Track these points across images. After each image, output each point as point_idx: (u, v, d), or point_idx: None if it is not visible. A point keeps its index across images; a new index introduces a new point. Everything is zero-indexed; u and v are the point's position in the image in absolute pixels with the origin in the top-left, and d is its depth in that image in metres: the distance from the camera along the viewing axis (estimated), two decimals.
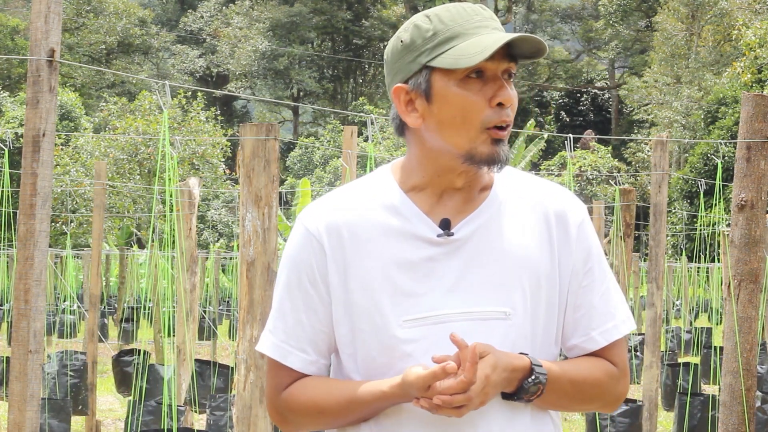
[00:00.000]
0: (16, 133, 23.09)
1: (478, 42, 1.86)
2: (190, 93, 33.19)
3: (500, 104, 1.88)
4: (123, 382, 9.27)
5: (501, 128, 1.90)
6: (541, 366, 1.89)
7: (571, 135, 6.12)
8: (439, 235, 1.93)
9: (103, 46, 49.61)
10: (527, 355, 1.90)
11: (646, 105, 42.49)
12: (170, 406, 5.79)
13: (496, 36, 1.86)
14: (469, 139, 1.89)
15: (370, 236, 1.95)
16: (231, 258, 24.30)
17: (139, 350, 8.93)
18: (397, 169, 2.02)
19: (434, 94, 1.91)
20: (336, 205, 2.00)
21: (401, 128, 2.00)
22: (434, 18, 1.91)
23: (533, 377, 1.88)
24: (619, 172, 37.00)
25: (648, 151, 38.49)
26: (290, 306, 1.99)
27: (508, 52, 1.89)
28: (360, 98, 49.59)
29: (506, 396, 1.91)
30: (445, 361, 1.82)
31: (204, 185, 27.71)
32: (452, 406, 1.80)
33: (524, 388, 1.88)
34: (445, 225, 1.94)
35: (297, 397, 1.97)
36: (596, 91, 56.22)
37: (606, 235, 12.60)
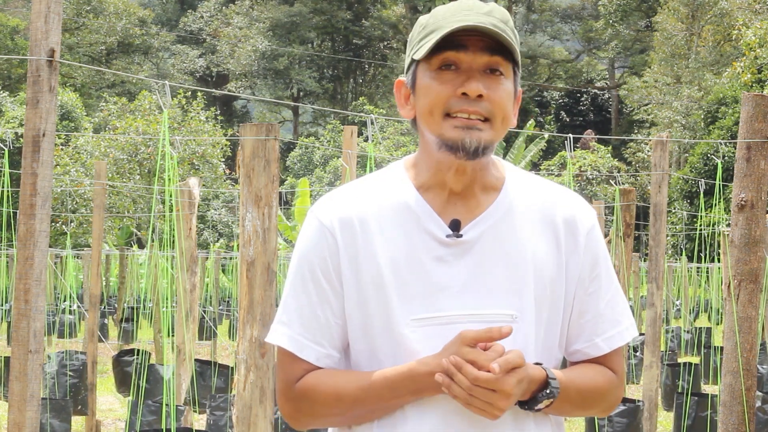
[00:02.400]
0: (16, 133, 23.09)
1: (445, 32, 1.88)
2: (190, 93, 33.19)
3: (464, 94, 1.89)
4: (123, 382, 9.27)
5: (470, 117, 1.89)
6: (555, 379, 1.90)
7: (571, 135, 6.12)
8: (448, 236, 1.93)
9: (103, 46, 49.60)
10: (541, 365, 1.91)
11: (646, 105, 42.48)
12: (170, 405, 5.80)
13: (462, 25, 1.87)
14: (437, 125, 1.91)
15: (382, 232, 1.95)
16: (231, 258, 24.30)
17: (139, 350, 8.93)
18: (410, 165, 2.03)
19: (416, 85, 1.95)
20: (349, 199, 2.00)
21: (415, 122, 2.02)
22: (431, 14, 1.95)
23: (548, 390, 1.89)
24: (619, 172, 37.01)
25: (648, 151, 38.50)
26: (306, 299, 1.98)
27: (490, 45, 1.90)
28: (360, 98, 49.58)
29: (519, 404, 1.91)
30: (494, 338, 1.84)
31: (204, 185, 27.71)
32: (472, 394, 1.80)
33: (537, 399, 1.89)
34: (455, 226, 1.94)
35: (315, 385, 1.95)
36: (596, 91, 56.23)
37: (606, 235, 12.60)
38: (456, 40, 1.88)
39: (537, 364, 1.90)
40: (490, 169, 2.00)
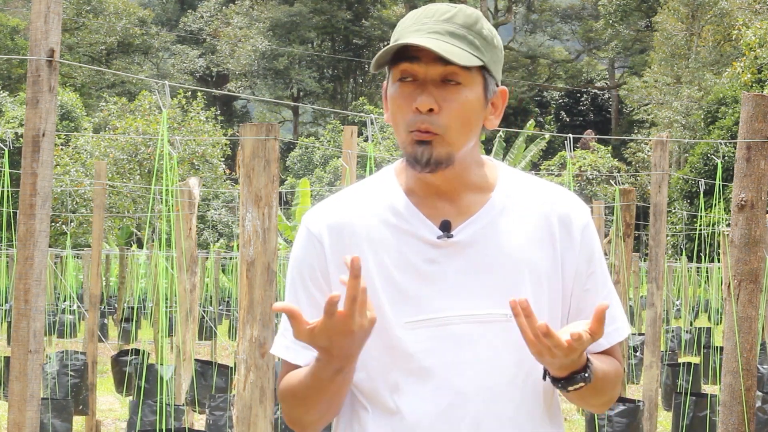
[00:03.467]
0: (16, 133, 23.09)
1: (393, 46, 1.88)
2: (189, 93, 33.20)
3: (417, 109, 1.88)
4: (122, 382, 9.27)
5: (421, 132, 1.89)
6: (593, 364, 1.89)
7: (571, 135, 6.12)
8: (438, 237, 1.94)
9: (103, 46, 49.62)
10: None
11: (646, 105, 42.51)
12: (168, 405, 5.80)
13: (411, 41, 1.85)
14: (401, 139, 1.93)
15: (372, 237, 1.96)
16: (231, 258, 24.30)
17: (138, 350, 8.93)
18: (400, 169, 2.04)
19: (387, 94, 1.97)
20: (338, 206, 2.01)
21: None
22: (401, 20, 1.96)
23: (586, 374, 1.87)
24: (619, 172, 37.02)
25: (648, 151, 38.50)
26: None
27: (441, 56, 1.86)
28: (360, 98, 49.58)
29: (552, 380, 1.90)
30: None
31: (204, 185, 27.71)
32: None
33: (574, 379, 1.87)
34: (446, 227, 1.94)
35: (282, 387, 2.00)
36: (596, 91, 56.24)
37: (606, 235, 12.60)
38: (409, 51, 1.87)
39: None
40: (474, 171, 1.98)
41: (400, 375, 1.92)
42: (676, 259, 25.57)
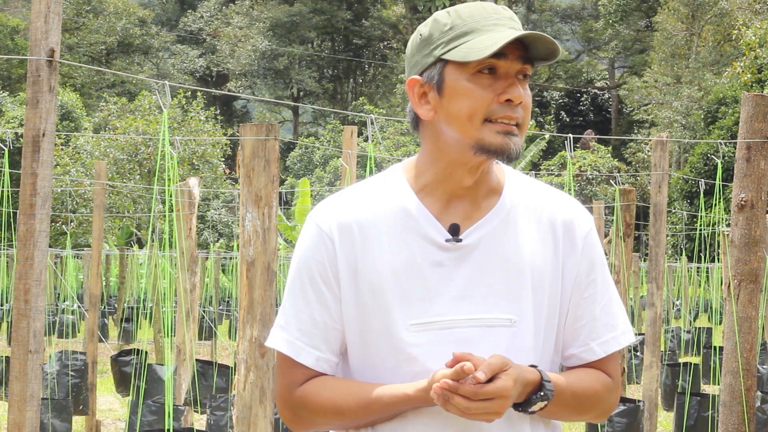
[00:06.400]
0: (16, 133, 23.07)
1: (490, 37, 1.88)
2: (189, 93, 33.18)
3: (509, 101, 1.90)
4: (122, 383, 9.27)
5: (510, 123, 1.91)
6: (549, 381, 1.89)
7: (571, 135, 6.11)
8: (447, 240, 1.94)
9: (103, 46, 49.60)
10: (536, 367, 1.91)
11: (646, 105, 42.51)
12: (169, 405, 5.79)
13: (509, 32, 1.88)
14: (476, 129, 1.90)
15: (381, 237, 1.95)
16: (231, 258, 24.30)
17: (137, 350, 8.93)
18: (409, 168, 2.02)
19: (445, 86, 1.92)
20: (348, 204, 1.99)
21: (416, 122, 2.01)
22: (453, 13, 1.93)
23: (542, 393, 1.88)
24: (619, 172, 37.00)
25: (648, 151, 38.49)
26: (304, 303, 1.98)
27: (523, 53, 1.91)
28: (360, 98, 49.57)
29: (514, 407, 1.91)
30: (464, 360, 1.82)
31: (204, 185, 27.69)
32: (470, 411, 1.80)
33: (531, 401, 1.89)
34: (454, 230, 1.94)
35: (314, 395, 1.96)
36: (596, 91, 56.20)
37: (606, 235, 12.59)
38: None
39: (532, 366, 1.90)
40: (493, 172, 2.00)
41: (405, 377, 1.92)
42: (676, 259, 25.56)
